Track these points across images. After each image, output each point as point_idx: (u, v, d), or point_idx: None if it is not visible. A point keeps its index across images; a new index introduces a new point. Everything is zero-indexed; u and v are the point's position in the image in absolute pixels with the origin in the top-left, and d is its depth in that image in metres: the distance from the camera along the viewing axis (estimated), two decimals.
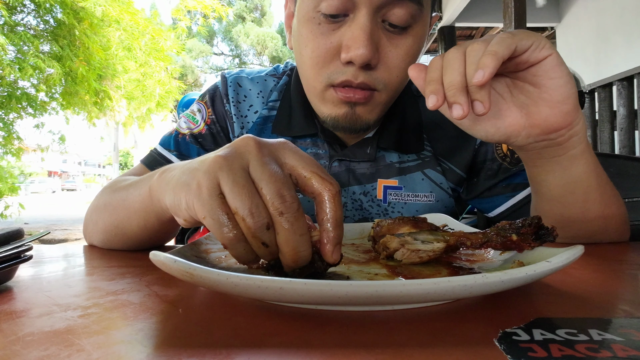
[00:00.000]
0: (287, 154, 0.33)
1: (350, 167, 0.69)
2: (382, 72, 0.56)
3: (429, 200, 0.70)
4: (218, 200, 0.30)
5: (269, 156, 0.32)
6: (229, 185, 0.30)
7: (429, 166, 0.70)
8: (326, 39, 0.55)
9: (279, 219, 0.30)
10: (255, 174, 0.31)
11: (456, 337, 0.24)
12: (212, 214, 0.30)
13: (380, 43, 0.55)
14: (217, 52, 16.82)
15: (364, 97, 0.57)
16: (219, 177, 0.30)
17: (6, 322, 0.27)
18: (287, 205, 0.30)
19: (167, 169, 0.39)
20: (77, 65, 4.40)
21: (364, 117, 0.60)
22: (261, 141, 0.33)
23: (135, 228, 0.49)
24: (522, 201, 0.68)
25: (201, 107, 0.74)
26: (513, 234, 0.35)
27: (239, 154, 0.32)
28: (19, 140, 4.62)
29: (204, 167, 0.31)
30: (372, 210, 0.70)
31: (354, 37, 0.53)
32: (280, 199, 0.30)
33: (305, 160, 0.33)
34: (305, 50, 0.58)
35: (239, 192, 0.29)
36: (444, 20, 5.21)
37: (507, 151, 0.70)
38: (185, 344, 0.23)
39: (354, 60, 0.53)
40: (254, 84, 0.75)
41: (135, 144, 16.63)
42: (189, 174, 0.33)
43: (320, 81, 0.58)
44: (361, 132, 0.61)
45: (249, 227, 0.29)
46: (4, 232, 0.38)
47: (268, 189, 0.30)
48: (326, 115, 0.61)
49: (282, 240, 0.30)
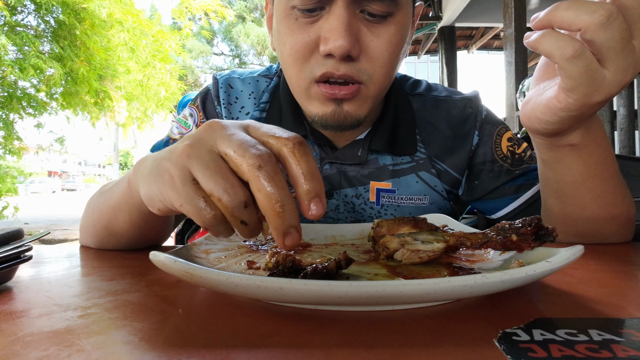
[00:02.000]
0: (250, 129, 0.33)
1: (341, 170, 0.68)
2: (366, 63, 0.55)
3: (422, 203, 0.69)
4: (192, 187, 0.30)
5: (234, 129, 0.32)
6: (200, 171, 0.30)
7: (422, 168, 0.69)
8: (304, 34, 0.54)
9: (257, 174, 0.29)
10: (224, 146, 0.30)
11: (456, 337, 0.24)
12: (189, 200, 0.30)
13: (361, 33, 0.54)
14: (217, 52, 16.82)
15: (350, 93, 0.56)
16: (188, 165, 0.30)
17: (6, 322, 0.27)
18: (263, 158, 0.29)
19: (142, 161, 0.39)
20: (78, 65, 4.40)
21: (353, 113, 0.58)
22: (224, 121, 0.33)
23: (122, 224, 0.50)
24: (525, 203, 0.67)
25: (193, 112, 0.73)
26: (513, 234, 0.35)
27: (204, 138, 0.32)
28: (19, 140, 4.63)
29: (173, 157, 0.31)
30: (365, 213, 0.69)
31: (331, 28, 0.52)
32: (254, 156, 0.29)
33: (265, 128, 0.33)
34: (285, 47, 0.57)
35: (211, 174, 0.29)
36: (444, 20, 5.21)
37: (507, 152, 0.69)
38: (185, 344, 0.23)
39: (332, 52, 0.52)
40: (245, 85, 0.74)
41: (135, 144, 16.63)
42: (158, 165, 0.33)
43: (303, 78, 0.57)
44: (352, 129, 0.60)
45: (226, 206, 0.29)
46: (4, 232, 0.38)
47: (240, 150, 0.30)
48: (314, 114, 0.59)
49: (265, 197, 0.29)
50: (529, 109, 0.48)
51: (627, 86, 2.70)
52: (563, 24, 0.38)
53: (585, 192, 0.52)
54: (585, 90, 0.40)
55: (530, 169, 0.68)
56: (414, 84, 0.76)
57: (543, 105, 0.45)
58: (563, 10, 0.38)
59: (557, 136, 0.48)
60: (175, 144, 0.33)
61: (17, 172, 4.87)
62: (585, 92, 0.40)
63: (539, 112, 0.46)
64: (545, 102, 0.45)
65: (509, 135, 0.71)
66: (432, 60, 17.72)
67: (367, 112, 0.60)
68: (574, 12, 0.37)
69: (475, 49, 6.85)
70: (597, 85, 0.39)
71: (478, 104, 0.73)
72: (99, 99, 5.06)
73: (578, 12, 0.37)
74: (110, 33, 4.89)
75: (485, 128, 0.71)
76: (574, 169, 0.51)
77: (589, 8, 0.37)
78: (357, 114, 0.58)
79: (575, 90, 0.40)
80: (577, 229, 0.55)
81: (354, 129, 0.60)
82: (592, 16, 0.37)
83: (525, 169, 0.68)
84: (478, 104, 0.73)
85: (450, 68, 5.27)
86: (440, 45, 5.40)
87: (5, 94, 4.27)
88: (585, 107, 0.42)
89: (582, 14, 0.37)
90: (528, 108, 0.48)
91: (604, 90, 0.40)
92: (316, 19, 0.54)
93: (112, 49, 4.95)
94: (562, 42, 0.38)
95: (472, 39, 6.76)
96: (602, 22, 0.36)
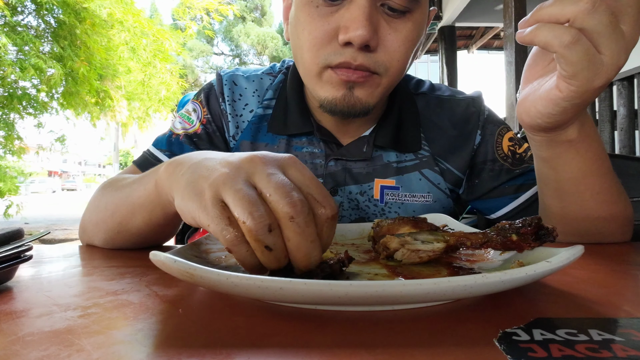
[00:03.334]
0: (291, 170, 0.33)
1: (346, 167, 0.69)
2: (383, 55, 0.56)
3: (426, 200, 0.69)
4: (220, 208, 0.31)
5: (275, 169, 0.33)
6: (230, 195, 0.31)
7: (426, 166, 0.70)
8: (324, 21, 0.55)
9: (289, 224, 0.30)
10: (261, 184, 0.31)
11: (456, 337, 0.24)
12: (215, 220, 0.30)
13: (380, 26, 0.55)
14: (217, 52, 16.83)
15: (363, 77, 0.56)
16: (222, 191, 0.31)
17: (6, 322, 0.27)
18: (297, 209, 0.30)
19: (176, 163, 0.39)
20: (79, 65, 4.40)
21: (363, 100, 0.58)
22: (266, 157, 0.34)
23: (139, 223, 0.50)
24: (524, 203, 0.67)
25: (196, 107, 0.74)
26: (513, 234, 0.35)
27: (243, 169, 0.32)
28: (19, 139, 4.63)
29: (209, 180, 0.32)
30: (369, 210, 0.69)
31: (352, 18, 0.53)
32: (290, 204, 0.30)
33: (306, 180, 0.33)
34: (303, 34, 0.57)
35: (240, 199, 0.30)
36: (444, 20, 5.21)
37: (507, 152, 0.69)
38: (185, 344, 0.23)
39: (352, 41, 0.53)
40: (249, 83, 0.74)
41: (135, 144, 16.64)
42: (195, 183, 0.34)
43: (317, 63, 0.57)
44: (360, 116, 0.60)
45: (250, 229, 0.29)
46: (4, 232, 0.38)
47: (276, 195, 0.30)
48: (323, 98, 0.59)
49: (294, 246, 0.30)
50: (528, 105, 0.48)
51: (627, 86, 2.71)
52: (551, 18, 0.40)
53: (584, 189, 0.52)
54: (586, 74, 0.41)
55: (530, 169, 0.68)
56: (418, 84, 0.77)
57: (543, 98, 0.46)
58: (548, 6, 0.40)
59: (556, 131, 0.49)
60: (214, 163, 0.34)
61: (16, 172, 4.88)
62: (587, 76, 0.41)
63: (539, 106, 0.46)
64: (546, 94, 0.45)
65: (510, 135, 0.71)
66: (432, 60, 17.71)
67: (376, 101, 0.60)
68: (558, 5, 0.39)
69: (476, 48, 6.86)
70: (597, 70, 0.40)
71: (481, 104, 0.73)
72: (99, 99, 5.06)
73: (563, 5, 0.39)
74: (111, 33, 4.89)
75: (487, 127, 0.71)
76: (573, 165, 0.51)
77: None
78: (367, 100, 0.59)
79: (576, 77, 0.41)
80: (577, 228, 0.55)
81: (361, 116, 0.61)
82: (578, 5, 0.38)
83: (525, 169, 0.68)
84: (481, 104, 0.73)
85: (450, 68, 5.27)
86: (440, 45, 5.40)
87: (6, 94, 4.27)
88: (588, 93, 0.43)
89: (567, 5, 0.38)
90: (527, 104, 0.48)
91: (603, 74, 0.41)
92: (337, 8, 0.55)
93: (112, 49, 4.95)
94: (559, 31, 0.39)
95: (472, 39, 6.76)
96: (588, 9, 0.38)
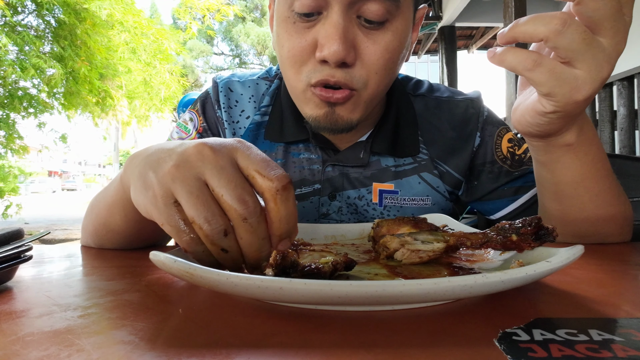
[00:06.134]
0: (239, 155, 0.34)
1: (344, 172, 0.69)
2: (360, 70, 0.55)
3: (425, 203, 0.69)
4: (174, 209, 0.31)
5: (226, 159, 0.33)
6: (183, 197, 0.31)
7: (425, 169, 0.69)
8: (301, 38, 0.55)
9: (242, 224, 0.31)
10: (213, 182, 0.32)
11: (456, 337, 0.24)
12: (170, 220, 0.31)
13: (357, 40, 0.54)
14: (217, 52, 16.81)
15: (343, 97, 0.56)
16: (172, 188, 0.32)
17: (6, 322, 0.27)
18: (250, 210, 0.31)
19: (132, 158, 0.40)
20: (80, 65, 4.40)
21: (345, 117, 0.58)
22: (215, 146, 0.34)
23: (118, 221, 0.50)
24: (523, 205, 0.67)
25: (193, 116, 0.74)
26: (513, 234, 0.35)
27: (192, 163, 0.32)
28: (20, 139, 4.63)
29: (158, 174, 0.33)
30: (368, 214, 0.69)
31: (327, 35, 0.52)
32: (242, 205, 0.31)
33: (252, 159, 0.34)
34: (283, 50, 0.57)
35: (194, 202, 0.31)
36: (444, 20, 5.21)
37: (507, 153, 0.69)
38: (185, 344, 0.23)
39: (327, 59, 0.52)
40: (245, 88, 0.74)
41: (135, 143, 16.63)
42: (145, 177, 0.34)
43: (300, 80, 0.57)
44: (345, 132, 0.60)
45: (207, 234, 0.31)
46: (4, 232, 0.38)
47: (228, 195, 0.31)
48: (308, 115, 0.60)
49: (246, 244, 0.32)
50: (519, 115, 0.49)
51: (627, 86, 2.71)
52: (525, 37, 0.40)
53: (583, 192, 0.52)
54: (561, 91, 0.41)
55: (529, 171, 0.68)
56: (416, 85, 0.76)
57: (531, 109, 0.46)
58: (522, 25, 0.40)
59: (552, 136, 0.49)
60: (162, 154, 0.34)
61: (18, 170, 4.88)
62: (562, 93, 0.41)
63: (528, 117, 0.47)
64: (532, 106, 0.46)
65: (509, 137, 0.71)
66: (432, 60, 17.72)
67: (359, 116, 0.59)
68: (531, 25, 0.39)
69: (476, 48, 6.85)
70: (571, 85, 0.41)
71: (480, 105, 0.73)
72: (99, 98, 5.06)
73: (535, 25, 0.39)
74: (111, 33, 4.89)
75: (486, 129, 0.71)
76: (571, 169, 0.51)
77: (544, 19, 0.39)
78: (349, 117, 0.58)
79: (552, 94, 0.42)
80: (576, 229, 0.55)
81: (346, 132, 0.60)
82: (548, 26, 0.39)
83: (524, 171, 0.68)
84: (480, 105, 0.73)
85: (450, 68, 5.27)
86: (440, 45, 5.40)
87: (7, 94, 4.27)
88: (570, 106, 0.43)
89: (539, 25, 0.39)
90: (518, 114, 0.49)
91: (583, 88, 0.41)
92: (313, 23, 0.54)
93: (113, 49, 4.95)
94: (522, 56, 0.41)
95: (472, 39, 6.76)
96: (558, 30, 0.38)
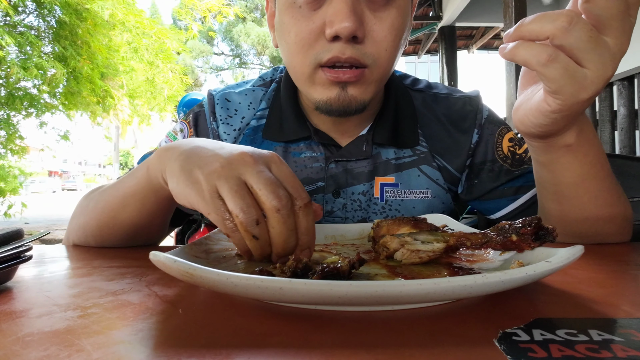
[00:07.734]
0: (273, 166, 0.40)
1: (347, 168, 0.69)
2: (370, 46, 0.56)
3: (425, 196, 0.69)
4: (218, 201, 0.37)
5: (262, 166, 0.39)
6: (224, 192, 0.36)
7: (424, 162, 0.70)
8: (308, 21, 0.55)
9: (275, 215, 0.36)
10: (252, 181, 0.37)
11: (456, 337, 0.24)
12: (216, 210, 0.37)
13: (364, 16, 0.55)
14: (217, 52, 16.81)
15: (355, 76, 0.56)
16: (217, 184, 0.37)
17: (6, 322, 0.27)
18: (282, 203, 0.36)
19: (167, 148, 0.45)
20: (82, 64, 4.40)
21: (358, 97, 0.58)
22: (254, 154, 0.39)
23: (131, 212, 0.53)
24: (523, 205, 0.67)
25: (184, 127, 0.74)
26: (513, 234, 0.35)
27: (235, 165, 0.38)
28: (20, 139, 4.63)
29: (204, 172, 0.38)
30: (370, 210, 0.69)
31: (336, 11, 0.53)
32: (276, 198, 0.36)
33: (283, 172, 0.39)
34: (289, 37, 0.57)
35: (234, 196, 0.36)
36: (444, 20, 5.21)
37: (507, 152, 0.69)
38: (185, 344, 0.23)
39: (339, 34, 0.53)
40: (242, 97, 0.74)
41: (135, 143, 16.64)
42: (190, 172, 0.39)
43: (308, 64, 0.57)
44: (357, 113, 0.60)
45: (241, 221, 0.36)
46: (4, 232, 0.38)
47: (265, 190, 0.36)
48: (318, 100, 0.59)
49: (276, 232, 0.36)
50: (521, 114, 0.49)
51: (627, 86, 2.71)
52: (531, 35, 0.40)
53: (583, 192, 0.52)
54: (570, 89, 0.41)
55: (529, 171, 0.68)
56: (415, 81, 0.77)
57: (534, 109, 0.46)
58: (529, 23, 0.40)
59: (552, 137, 0.49)
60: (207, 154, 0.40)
61: (19, 171, 4.88)
62: (571, 91, 0.41)
63: (531, 116, 0.47)
64: (536, 105, 0.46)
65: (510, 136, 0.71)
66: (433, 60, 17.71)
67: (371, 96, 0.60)
68: (538, 23, 0.40)
69: (476, 48, 6.85)
70: (580, 84, 0.40)
71: (478, 103, 0.73)
72: (100, 98, 5.06)
73: (542, 23, 0.39)
74: (112, 33, 4.89)
75: (487, 127, 0.71)
76: (571, 170, 0.51)
77: (551, 17, 0.39)
78: (361, 97, 0.59)
79: (560, 92, 0.41)
80: (576, 230, 0.55)
81: (358, 113, 0.61)
82: (555, 24, 0.39)
83: (524, 170, 0.68)
84: (478, 103, 0.73)
85: (450, 68, 5.27)
86: (440, 45, 5.40)
87: (8, 94, 4.27)
88: (576, 106, 0.43)
89: (546, 23, 0.39)
90: (520, 114, 0.49)
91: (589, 87, 0.41)
92: (319, 5, 0.55)
93: (114, 48, 4.95)
94: (536, 50, 0.40)
95: (472, 39, 6.76)
96: (565, 27, 0.38)
